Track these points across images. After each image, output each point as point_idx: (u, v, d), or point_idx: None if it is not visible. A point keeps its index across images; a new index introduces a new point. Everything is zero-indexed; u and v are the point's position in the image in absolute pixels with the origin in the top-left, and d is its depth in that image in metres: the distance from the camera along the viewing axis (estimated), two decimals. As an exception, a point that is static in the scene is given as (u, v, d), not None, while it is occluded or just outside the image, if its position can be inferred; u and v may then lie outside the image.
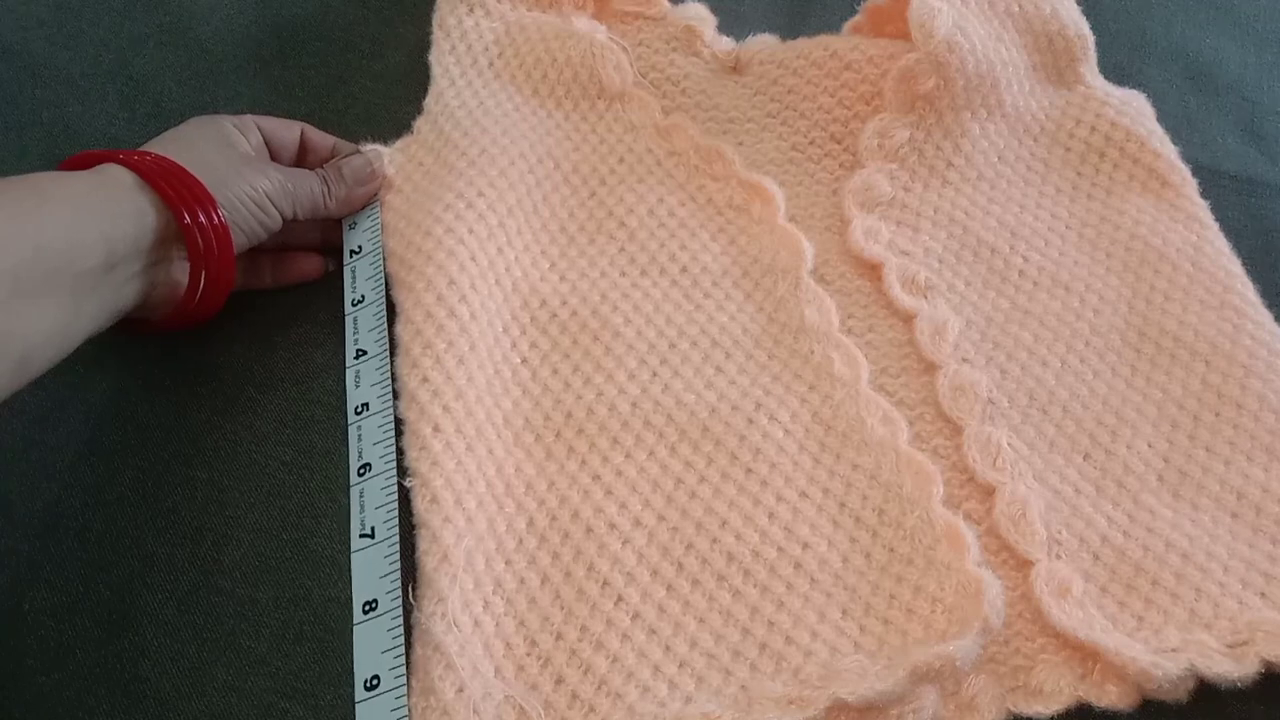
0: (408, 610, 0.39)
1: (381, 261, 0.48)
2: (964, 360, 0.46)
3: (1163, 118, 0.55)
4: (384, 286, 0.47)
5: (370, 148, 0.51)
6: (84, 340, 0.39)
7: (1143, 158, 0.52)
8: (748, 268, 0.49)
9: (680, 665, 0.38)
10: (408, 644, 0.38)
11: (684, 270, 0.48)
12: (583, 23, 0.55)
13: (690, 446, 0.43)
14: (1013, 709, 0.39)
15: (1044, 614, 0.40)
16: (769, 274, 0.48)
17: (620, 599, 0.40)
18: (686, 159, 0.52)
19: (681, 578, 0.40)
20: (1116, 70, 0.57)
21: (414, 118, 0.53)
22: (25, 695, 0.39)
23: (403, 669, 0.37)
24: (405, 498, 0.42)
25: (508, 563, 0.41)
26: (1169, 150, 0.52)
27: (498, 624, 0.39)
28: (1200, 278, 0.49)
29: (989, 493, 0.43)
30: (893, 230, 0.50)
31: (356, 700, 0.37)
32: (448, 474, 0.41)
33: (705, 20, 0.57)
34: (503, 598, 0.40)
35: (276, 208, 0.45)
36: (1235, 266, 0.49)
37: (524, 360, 0.46)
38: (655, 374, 0.45)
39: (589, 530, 0.41)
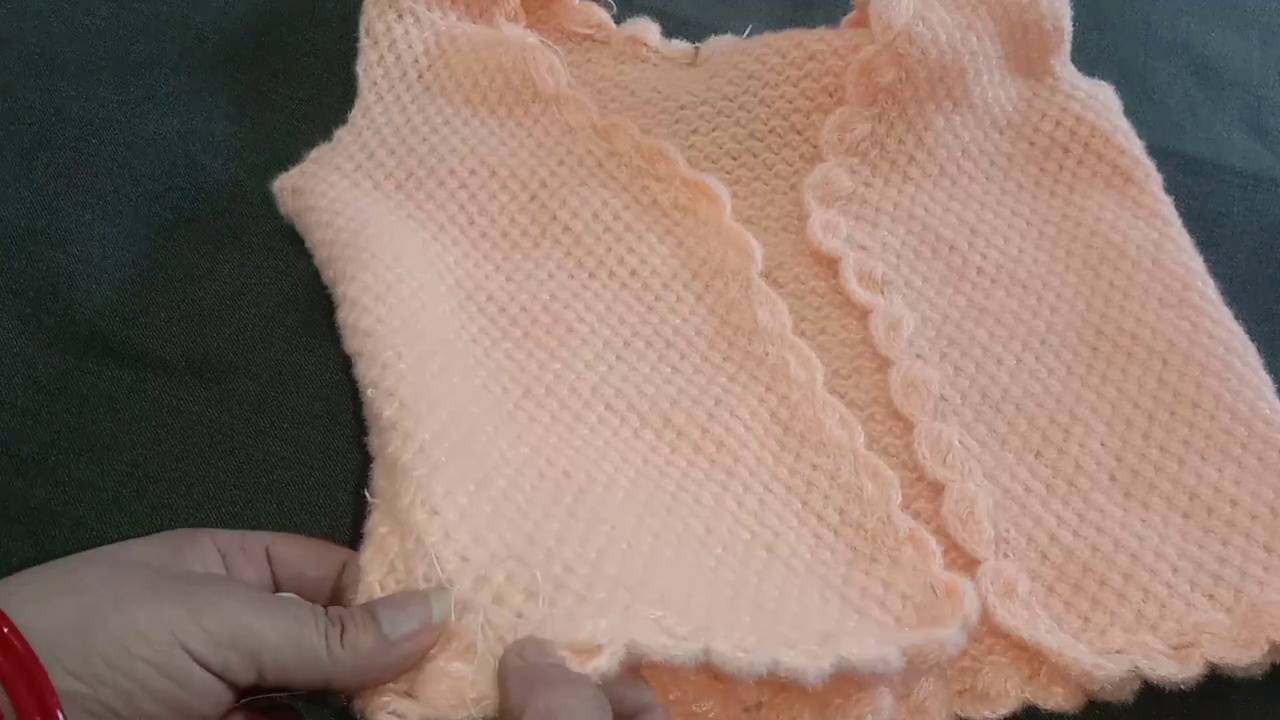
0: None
1: None
2: (917, 356, 0.46)
3: (1167, 112, 0.55)
4: None
5: (435, 586, 0.34)
6: None
7: (1107, 153, 0.52)
8: (697, 270, 0.48)
9: (686, 601, 0.35)
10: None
11: (633, 274, 0.48)
12: (513, 30, 0.55)
13: (654, 433, 0.43)
14: (960, 713, 0.38)
15: (989, 613, 0.39)
16: (719, 276, 0.47)
17: (613, 527, 0.37)
18: (628, 159, 0.51)
19: (668, 531, 0.39)
20: (1121, 64, 0.56)
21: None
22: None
23: None
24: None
25: (486, 477, 0.37)
26: (1134, 145, 0.52)
27: (489, 516, 0.36)
28: (1160, 275, 0.48)
29: (938, 490, 0.42)
30: (851, 225, 0.50)
31: None
32: (415, 387, 0.39)
33: (647, 28, 0.57)
34: (489, 500, 0.36)
35: (220, 674, 0.29)
36: (1196, 263, 0.49)
37: (475, 340, 0.44)
38: (612, 367, 0.45)
39: (567, 474, 0.40)
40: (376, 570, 0.34)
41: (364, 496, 0.38)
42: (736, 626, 0.33)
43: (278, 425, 0.45)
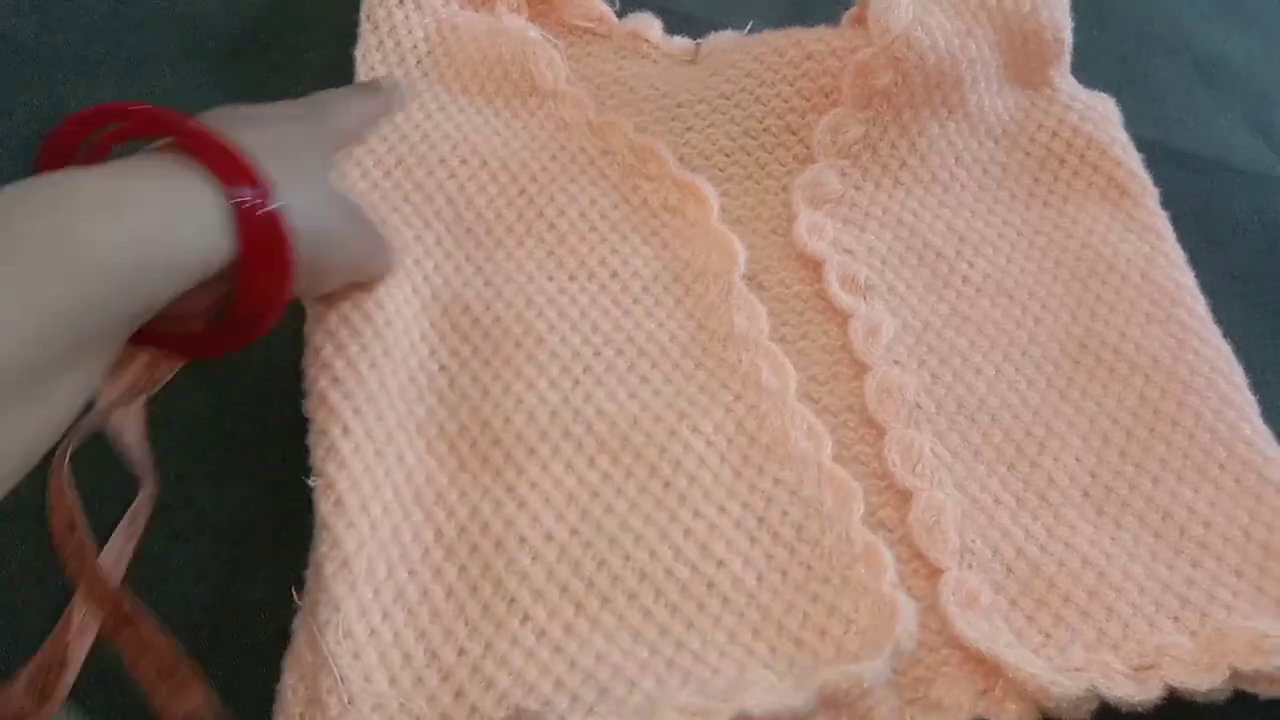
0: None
1: None
2: (895, 363, 0.46)
3: (1169, 110, 0.55)
4: None
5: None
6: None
7: (1103, 165, 0.51)
8: (679, 273, 0.48)
9: (584, 679, 0.37)
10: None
11: (614, 275, 0.48)
12: (515, 21, 0.55)
13: (609, 459, 0.42)
14: None
15: (948, 624, 0.39)
16: (700, 279, 0.47)
17: (527, 617, 0.39)
18: (620, 158, 0.51)
19: (591, 595, 0.39)
20: (1123, 63, 0.56)
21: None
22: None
23: None
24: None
25: (411, 573, 0.40)
26: (1131, 158, 0.51)
27: (396, 635, 0.38)
28: (1148, 290, 0.48)
29: (906, 499, 0.42)
30: (838, 228, 0.49)
31: None
32: (355, 477, 0.40)
33: (650, 25, 0.57)
34: (404, 609, 0.39)
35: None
36: (1187, 280, 0.48)
37: (443, 367, 0.45)
38: (578, 382, 0.44)
39: (498, 545, 0.40)
40: (293, 674, 0.37)
41: None
42: (628, 705, 0.36)
43: (278, 424, 0.44)
